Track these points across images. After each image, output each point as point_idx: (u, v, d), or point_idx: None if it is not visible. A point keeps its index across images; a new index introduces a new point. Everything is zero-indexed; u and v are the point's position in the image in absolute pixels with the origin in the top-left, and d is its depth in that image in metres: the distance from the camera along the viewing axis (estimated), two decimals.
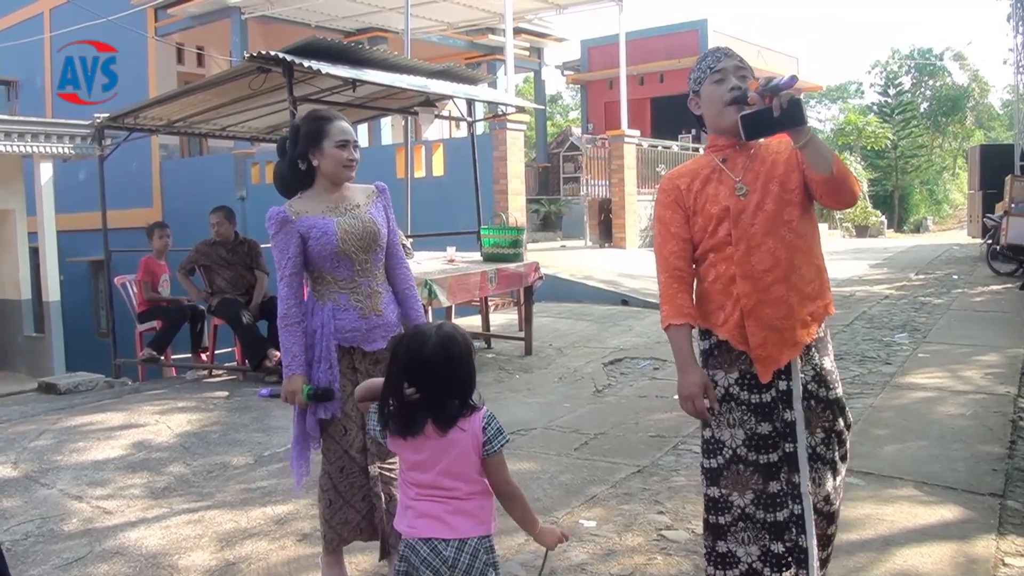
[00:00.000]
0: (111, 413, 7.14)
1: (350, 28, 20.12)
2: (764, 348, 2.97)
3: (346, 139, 3.64)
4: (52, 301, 13.64)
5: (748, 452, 3.00)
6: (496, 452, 2.56)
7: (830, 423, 3.03)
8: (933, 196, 41.00)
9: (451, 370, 2.53)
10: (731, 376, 3.02)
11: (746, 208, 2.98)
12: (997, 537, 4.11)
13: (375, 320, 3.68)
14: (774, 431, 2.99)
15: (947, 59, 45.81)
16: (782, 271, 2.95)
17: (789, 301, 2.96)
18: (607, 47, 23.35)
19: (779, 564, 2.99)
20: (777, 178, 2.99)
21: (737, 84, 2.98)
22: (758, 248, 2.95)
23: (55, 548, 4.40)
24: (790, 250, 2.96)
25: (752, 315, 2.97)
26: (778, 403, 3.00)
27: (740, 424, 3.01)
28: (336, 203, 3.69)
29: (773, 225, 2.95)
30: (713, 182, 3.04)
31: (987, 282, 13.80)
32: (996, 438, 5.62)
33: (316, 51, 7.74)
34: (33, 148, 12.57)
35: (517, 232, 9.60)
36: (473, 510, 2.55)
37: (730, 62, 3.03)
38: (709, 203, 3.02)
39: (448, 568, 2.49)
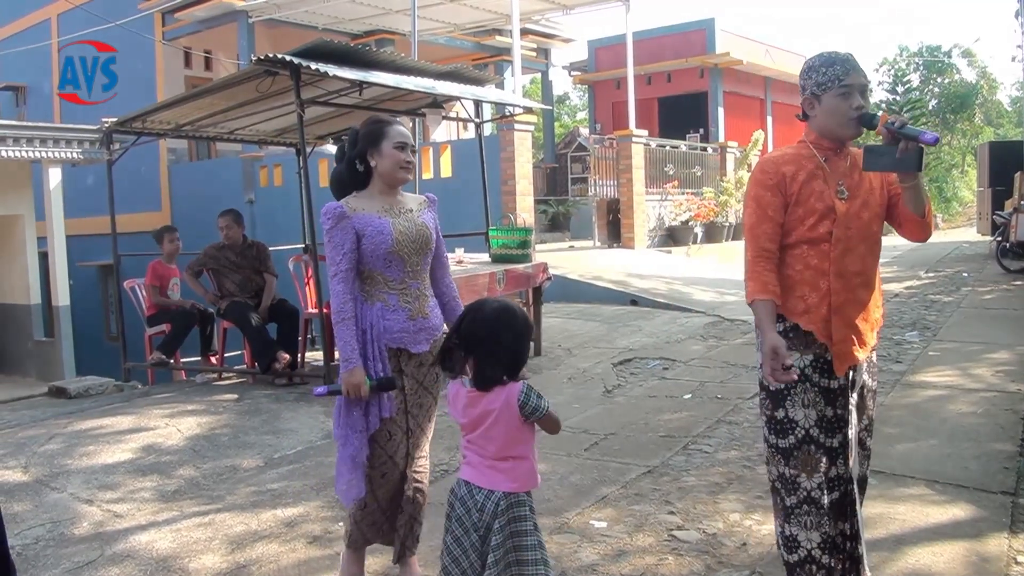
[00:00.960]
0: (121, 417, 7.15)
1: (357, 30, 20.12)
2: (844, 344, 3.12)
3: (404, 141, 3.71)
4: (62, 306, 13.67)
5: (820, 434, 3.10)
6: (544, 415, 2.96)
7: (871, 412, 3.35)
8: (942, 193, 40.79)
9: (500, 337, 2.96)
10: (806, 358, 3.13)
11: (848, 212, 3.12)
12: (1009, 535, 4.10)
13: (422, 322, 3.75)
14: (835, 417, 3.12)
15: (955, 56, 45.72)
16: (866, 277, 3.17)
17: (868, 305, 3.19)
18: (614, 47, 23.30)
19: (836, 548, 3.11)
20: (870, 192, 3.17)
21: (862, 104, 3.09)
22: (853, 251, 3.12)
23: (66, 552, 4.41)
24: (873, 259, 3.21)
25: (839, 312, 3.12)
26: (842, 393, 3.15)
27: (813, 405, 3.12)
28: (391, 205, 3.75)
29: (865, 233, 3.14)
30: (819, 179, 3.15)
31: (997, 279, 13.75)
32: (1008, 436, 5.60)
33: (323, 54, 7.74)
34: (41, 153, 12.61)
35: (525, 233, 9.61)
36: (505, 469, 2.95)
37: (858, 79, 3.11)
38: (815, 198, 3.13)
39: (477, 510, 2.93)
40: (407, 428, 3.73)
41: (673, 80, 25.07)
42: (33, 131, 12.71)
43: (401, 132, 3.75)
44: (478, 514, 2.92)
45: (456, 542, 2.94)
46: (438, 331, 3.79)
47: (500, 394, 2.94)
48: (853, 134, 3.16)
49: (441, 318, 3.84)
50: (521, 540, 2.91)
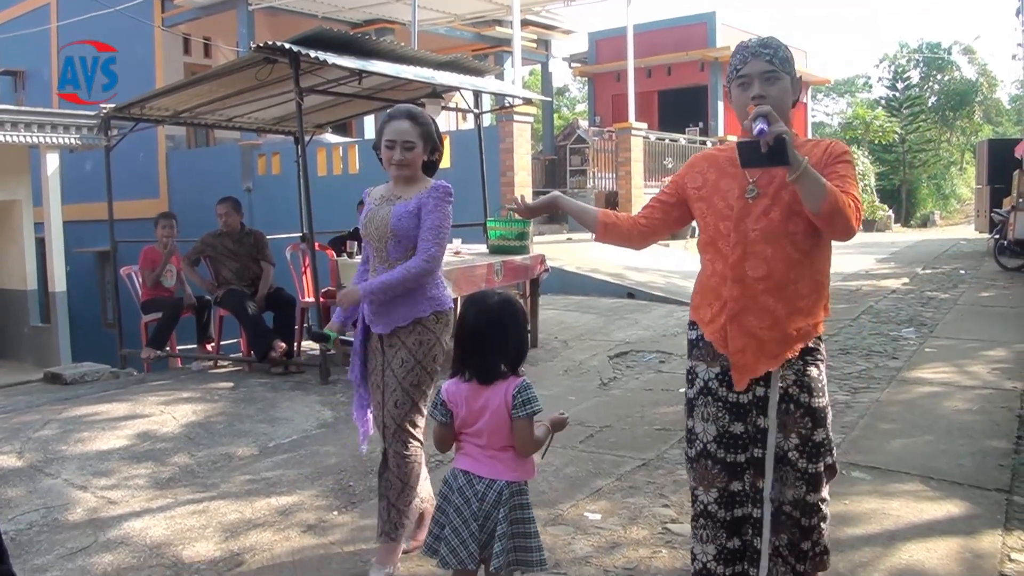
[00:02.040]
0: (116, 403, 7.14)
1: (357, 19, 20.06)
2: (743, 356, 2.93)
3: (393, 139, 3.84)
4: (58, 292, 13.66)
5: (717, 449, 2.99)
6: (521, 417, 2.95)
7: (808, 431, 2.95)
8: (940, 191, 40.87)
9: (506, 329, 3.02)
10: (712, 370, 3.01)
11: (751, 212, 2.93)
12: (1003, 532, 4.10)
13: (380, 307, 3.90)
14: (746, 433, 2.97)
15: (956, 53, 45.69)
16: (774, 282, 2.90)
17: (776, 313, 2.91)
18: (615, 39, 23.28)
19: (732, 559, 3.02)
20: (791, 187, 2.84)
21: (760, 93, 2.89)
22: (754, 254, 2.91)
23: (59, 538, 4.41)
24: (787, 262, 2.90)
25: (736, 320, 2.94)
26: (753, 407, 2.97)
27: (714, 420, 3.00)
28: (393, 193, 3.96)
29: (775, 234, 2.89)
30: (728, 177, 2.99)
31: (994, 277, 13.76)
32: (1003, 433, 5.60)
33: (323, 42, 7.72)
34: (39, 138, 12.59)
35: (523, 224, 9.58)
36: (506, 460, 2.99)
37: (757, 66, 2.91)
38: (719, 196, 3.00)
39: (477, 500, 2.95)
40: (378, 401, 3.93)
41: (673, 73, 25.05)
42: (31, 116, 12.69)
43: (393, 129, 3.85)
44: (478, 503, 2.94)
45: (454, 532, 2.94)
46: (398, 320, 3.86)
47: (501, 388, 2.97)
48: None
49: (408, 309, 3.87)
50: (525, 527, 2.97)
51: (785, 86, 2.93)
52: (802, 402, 2.94)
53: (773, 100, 2.85)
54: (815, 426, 2.95)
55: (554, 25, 23.41)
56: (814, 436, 2.95)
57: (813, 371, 2.97)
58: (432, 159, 4.03)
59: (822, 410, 2.98)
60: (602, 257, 14.15)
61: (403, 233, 3.84)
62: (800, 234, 2.89)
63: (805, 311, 2.94)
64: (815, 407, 2.96)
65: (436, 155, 4.05)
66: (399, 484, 3.87)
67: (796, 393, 2.94)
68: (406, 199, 3.90)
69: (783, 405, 2.94)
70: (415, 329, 3.86)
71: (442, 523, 3.00)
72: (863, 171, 28.98)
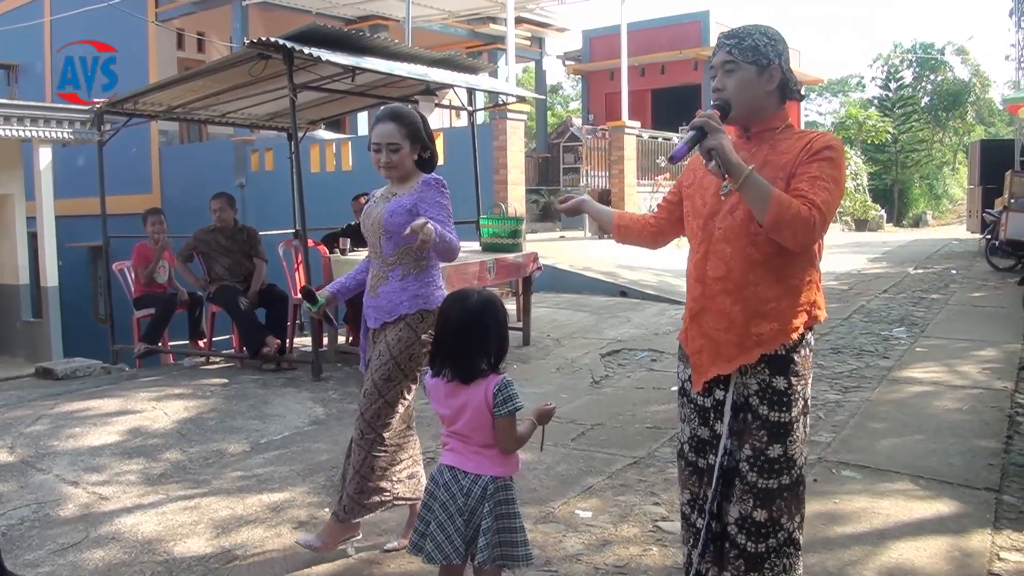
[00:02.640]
0: (108, 399, 7.13)
1: (351, 16, 20.05)
2: (699, 357, 2.88)
3: (378, 143, 3.91)
4: (50, 286, 13.62)
5: (689, 451, 2.97)
6: (502, 416, 2.95)
7: (762, 445, 2.77)
8: (933, 191, 40.99)
9: (488, 327, 3.00)
10: (687, 371, 2.98)
11: (719, 210, 2.82)
12: (992, 532, 4.12)
13: (371, 300, 4.02)
14: (711, 436, 2.90)
15: (949, 54, 45.79)
16: (733, 283, 2.77)
17: (732, 315, 2.78)
18: (609, 38, 23.32)
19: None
20: None
21: (716, 86, 2.83)
22: (715, 254, 2.81)
23: (51, 533, 4.41)
24: (746, 263, 2.75)
25: (695, 320, 2.90)
26: (712, 412, 2.89)
27: (688, 421, 2.98)
28: (390, 191, 4.05)
29: (736, 233, 2.76)
30: (711, 174, 2.80)
31: (986, 277, 13.80)
32: (992, 433, 5.62)
33: (317, 38, 7.71)
34: (32, 132, 12.54)
35: (516, 222, 9.60)
36: (491, 456, 2.99)
37: (719, 56, 2.82)
38: (697, 194, 2.93)
39: (463, 495, 2.96)
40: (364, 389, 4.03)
41: (667, 72, 25.08)
42: (24, 110, 12.63)
43: (378, 132, 3.93)
44: (463, 499, 2.95)
45: (440, 528, 2.94)
46: (386, 315, 3.95)
47: (481, 386, 2.97)
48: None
49: (394, 304, 3.94)
50: (510, 522, 2.97)
51: (746, 77, 2.76)
52: (760, 413, 2.78)
53: (730, 92, 2.77)
54: (771, 441, 2.77)
55: (548, 23, 23.43)
56: (768, 451, 2.77)
57: (779, 382, 2.78)
58: (425, 157, 4.06)
59: (783, 425, 2.78)
60: (594, 255, 14.17)
61: (394, 229, 3.87)
62: (762, 235, 2.70)
63: (770, 316, 2.76)
64: (774, 420, 2.78)
65: (429, 152, 4.06)
66: (351, 470, 3.98)
67: (756, 404, 2.79)
68: (400, 196, 3.96)
69: (741, 414, 2.82)
70: (397, 324, 3.93)
71: (427, 519, 3.00)
72: (855, 171, 29.02)
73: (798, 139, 2.77)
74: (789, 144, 2.77)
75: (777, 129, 2.83)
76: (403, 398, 3.98)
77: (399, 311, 3.92)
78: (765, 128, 2.84)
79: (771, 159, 2.76)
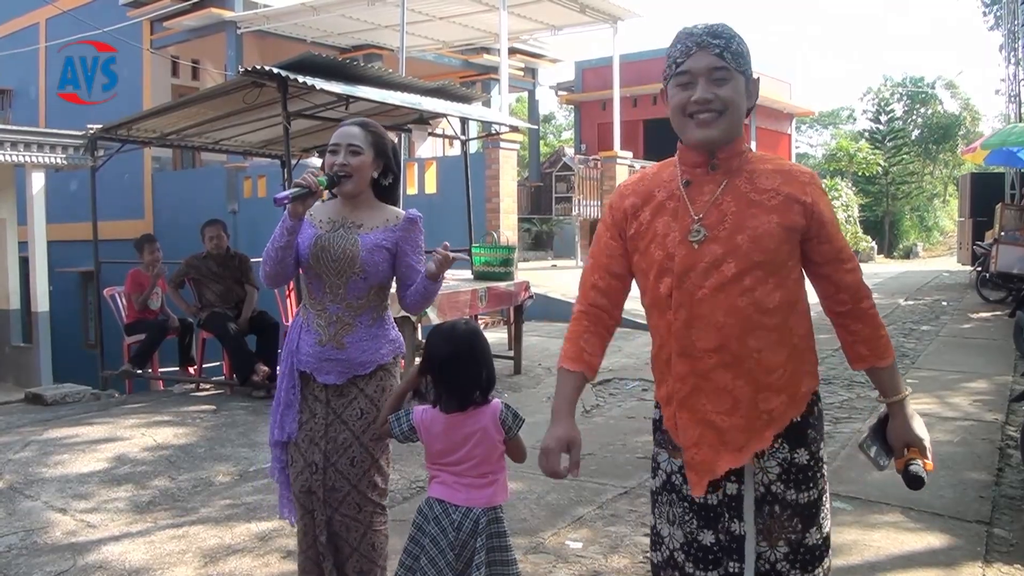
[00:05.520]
0: (97, 425, 7.10)
1: (346, 45, 20.16)
2: (698, 450, 2.29)
3: (337, 143, 3.29)
4: (41, 311, 13.57)
5: (685, 561, 2.36)
6: (516, 436, 2.98)
7: (798, 535, 2.29)
8: (923, 222, 41.07)
9: (478, 356, 2.94)
10: (675, 462, 2.39)
11: (697, 263, 2.25)
12: (983, 565, 4.11)
13: (333, 352, 3.30)
14: (717, 543, 2.31)
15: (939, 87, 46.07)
16: (730, 354, 2.24)
17: (735, 393, 2.25)
18: (601, 69, 23.41)
19: None
20: (751, 229, 2.23)
21: (705, 96, 2.22)
22: (702, 319, 2.25)
23: (38, 561, 4.37)
24: (745, 327, 2.23)
25: (687, 405, 2.31)
26: (725, 509, 2.31)
27: (680, 523, 2.37)
28: (342, 216, 3.36)
29: (728, 292, 2.23)
30: (666, 214, 2.32)
31: (976, 309, 13.84)
32: (984, 465, 5.63)
33: (311, 67, 7.75)
34: (25, 157, 12.54)
35: (508, 251, 9.62)
36: (482, 486, 2.93)
37: (704, 60, 2.23)
38: (655, 244, 2.32)
39: (453, 529, 2.88)
40: (313, 462, 3.30)
41: (659, 103, 24.73)
42: (17, 135, 12.63)
43: (339, 133, 3.33)
44: (454, 533, 2.88)
45: (431, 563, 2.87)
46: (359, 368, 3.32)
47: (482, 414, 2.94)
48: (696, 139, 2.27)
49: (369, 355, 3.33)
50: (503, 555, 2.93)
51: (740, 88, 2.25)
52: (788, 500, 2.29)
53: (726, 105, 2.23)
54: (807, 527, 2.29)
55: (541, 53, 23.58)
56: (806, 540, 2.29)
57: (802, 456, 2.30)
58: (385, 182, 3.44)
59: (814, 504, 2.31)
60: None
61: (372, 269, 3.30)
62: (759, 290, 2.23)
63: (778, 387, 2.26)
64: (804, 503, 2.30)
65: (390, 178, 3.45)
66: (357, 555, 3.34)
67: (781, 491, 2.28)
68: (370, 228, 3.34)
69: (765, 507, 2.29)
70: (376, 375, 3.35)
71: (415, 554, 2.92)
72: (846, 202, 29.14)
73: (775, 174, 2.29)
74: (769, 179, 2.27)
75: (743, 154, 2.32)
76: (388, 452, 3.44)
77: (377, 361, 3.35)
78: (733, 154, 2.30)
79: (756, 198, 2.26)
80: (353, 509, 3.31)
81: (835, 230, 2.32)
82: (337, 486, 3.29)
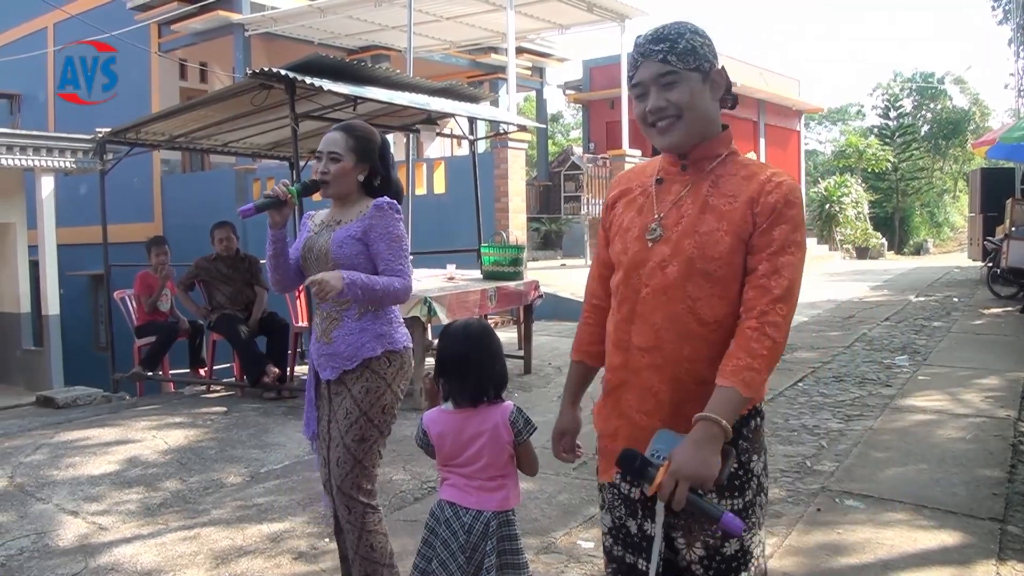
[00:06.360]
0: (108, 428, 7.12)
1: (353, 46, 20.17)
2: (613, 441, 2.31)
3: (320, 151, 3.46)
4: (51, 315, 13.62)
5: (614, 545, 2.36)
6: (526, 441, 2.95)
7: (716, 542, 2.21)
8: (934, 218, 40.95)
9: (493, 352, 2.98)
10: None
11: (646, 261, 2.24)
12: (997, 563, 4.08)
13: (324, 347, 3.44)
14: (640, 532, 2.30)
15: (948, 83, 45.92)
16: (662, 356, 2.20)
17: (660, 396, 2.22)
18: (609, 67, 23.40)
19: None
20: (700, 235, 2.18)
21: (658, 104, 2.21)
22: (643, 317, 2.23)
23: (50, 564, 4.38)
24: (681, 334, 2.18)
25: (612, 396, 2.34)
26: (639, 506, 2.29)
27: (610, 508, 2.38)
28: (333, 218, 3.54)
29: (669, 296, 2.19)
30: (635, 209, 2.33)
31: (987, 305, 13.79)
32: (996, 462, 5.59)
33: (318, 68, 7.75)
34: (34, 162, 12.57)
35: (517, 250, 9.60)
36: (492, 488, 2.92)
37: (650, 68, 2.21)
38: (619, 237, 2.34)
39: (464, 532, 2.88)
40: (325, 458, 3.50)
41: None
42: (26, 139, 12.67)
43: (323, 141, 3.47)
44: (465, 536, 2.88)
45: (442, 566, 2.88)
46: (348, 362, 3.40)
47: (492, 414, 2.93)
48: (660, 145, 2.28)
49: (354, 348, 3.40)
50: (514, 558, 2.93)
51: (693, 87, 2.19)
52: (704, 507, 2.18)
53: (680, 108, 2.20)
54: (726, 536, 2.20)
55: (548, 52, 23.56)
56: (724, 548, 2.22)
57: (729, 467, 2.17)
58: (374, 183, 3.54)
59: (738, 514, 2.18)
60: None
61: (345, 262, 3.37)
62: (704, 301, 2.17)
63: (704, 399, 2.11)
64: (737, 508, 2.22)
65: (380, 179, 3.55)
66: (351, 552, 3.43)
67: (701, 493, 2.12)
68: (345, 223, 3.46)
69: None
70: (363, 374, 3.39)
71: (429, 556, 2.93)
72: (856, 199, 29.05)
73: (745, 180, 2.21)
74: (735, 185, 2.21)
75: (720, 157, 2.26)
76: (379, 457, 3.47)
77: (362, 355, 3.39)
78: (706, 156, 2.26)
79: (713, 203, 2.21)
80: (344, 510, 3.40)
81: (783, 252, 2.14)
82: (333, 482, 3.43)
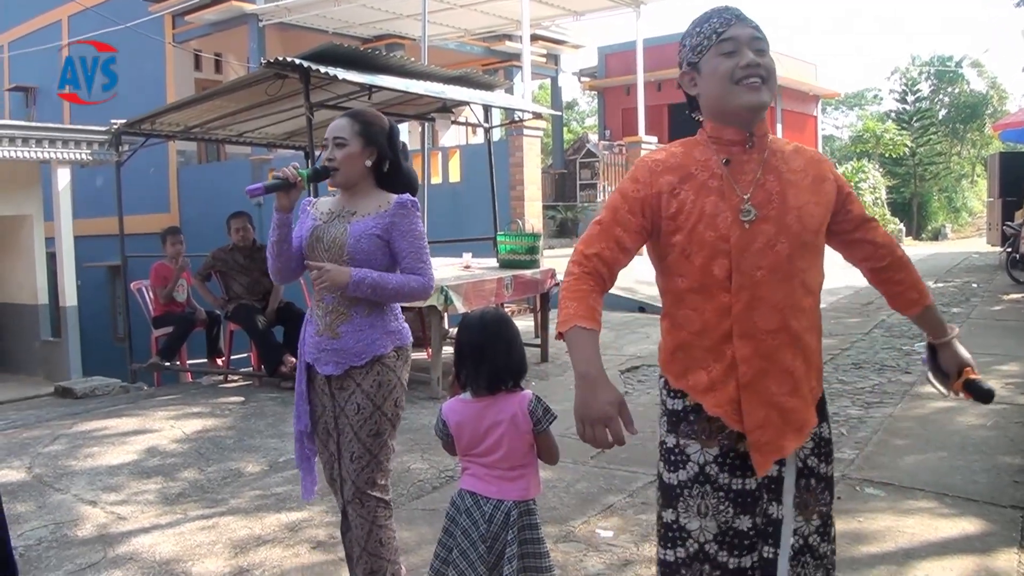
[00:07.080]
0: (126, 418, 7.14)
1: (367, 35, 20.14)
2: (764, 432, 2.26)
3: (327, 138, 3.40)
4: (69, 306, 13.66)
5: (719, 551, 2.30)
6: (545, 430, 2.92)
7: (827, 506, 2.34)
8: (952, 204, 40.70)
9: (512, 340, 2.96)
10: (709, 451, 2.32)
11: (752, 243, 2.24)
12: (1019, 550, 4.05)
13: (328, 342, 3.34)
14: (754, 528, 2.30)
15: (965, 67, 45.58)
16: (789, 335, 2.26)
17: (796, 374, 2.28)
18: (624, 53, 23.30)
19: None
20: (797, 209, 2.27)
21: (754, 60, 2.23)
22: (763, 301, 2.24)
23: (68, 553, 4.40)
24: (796, 309, 2.27)
25: (751, 389, 2.26)
26: (764, 492, 2.30)
27: (713, 514, 2.30)
28: (340, 206, 3.44)
29: (784, 275, 2.24)
30: (712, 193, 2.26)
31: (1007, 291, 13.69)
32: (1017, 449, 5.55)
33: (333, 57, 7.74)
34: (51, 154, 12.60)
35: (533, 238, 9.58)
36: (514, 478, 2.91)
37: (744, 29, 2.26)
38: (704, 223, 2.25)
39: (485, 521, 2.88)
40: (331, 452, 3.43)
41: None
42: (42, 132, 12.70)
43: (331, 127, 3.42)
44: (486, 525, 2.88)
45: (463, 555, 2.87)
46: (355, 358, 3.32)
47: (510, 402, 2.91)
48: (747, 103, 2.24)
49: (365, 344, 3.32)
50: (535, 547, 2.92)
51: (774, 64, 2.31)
52: (821, 473, 2.35)
53: (769, 72, 2.25)
54: (831, 497, 2.35)
55: (563, 39, 23.47)
56: (830, 509, 2.35)
57: (825, 430, 2.39)
58: (383, 170, 3.45)
59: (832, 475, 2.39)
60: None
61: (362, 257, 3.29)
62: (809, 272, 2.29)
63: (818, 366, 2.35)
64: (829, 475, 2.37)
65: (387, 165, 3.45)
66: (357, 549, 3.36)
67: (815, 464, 2.34)
68: (362, 216, 3.36)
69: (802, 481, 2.32)
70: (373, 368, 3.31)
71: (449, 546, 2.93)
72: (874, 184, 28.89)
73: (797, 153, 2.36)
74: (795, 160, 2.34)
75: (767, 134, 2.35)
76: (393, 451, 3.42)
77: (373, 351, 3.32)
78: (764, 132, 2.34)
79: (789, 178, 2.30)
80: (356, 504, 3.34)
81: (855, 195, 2.47)
82: (345, 477, 3.37)
